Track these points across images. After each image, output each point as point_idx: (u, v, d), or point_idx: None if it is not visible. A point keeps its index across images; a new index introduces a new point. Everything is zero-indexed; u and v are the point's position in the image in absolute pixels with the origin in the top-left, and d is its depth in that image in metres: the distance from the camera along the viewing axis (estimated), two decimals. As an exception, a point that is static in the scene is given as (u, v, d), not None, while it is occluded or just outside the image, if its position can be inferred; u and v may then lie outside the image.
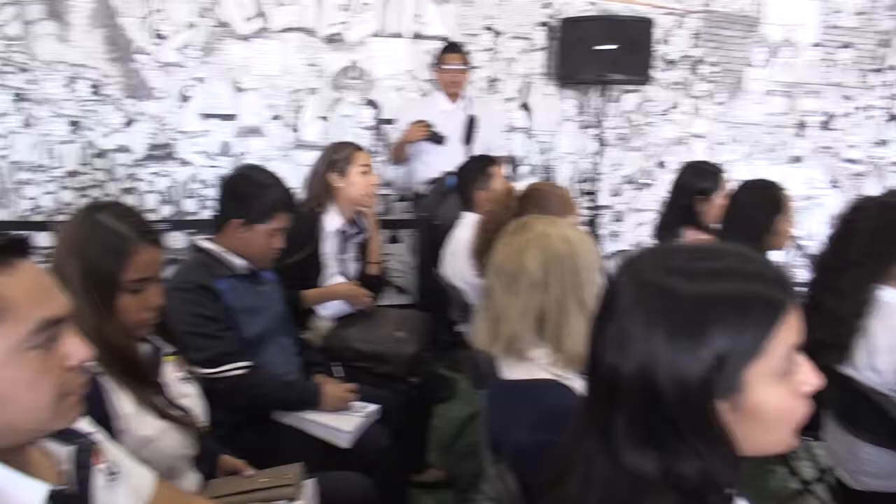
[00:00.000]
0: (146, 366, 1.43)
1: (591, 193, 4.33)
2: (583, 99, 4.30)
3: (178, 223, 3.72)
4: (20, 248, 0.87)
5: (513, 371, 1.39)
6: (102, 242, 1.31)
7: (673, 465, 0.78)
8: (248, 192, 1.97)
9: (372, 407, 2.04)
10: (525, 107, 4.15)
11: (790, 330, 0.77)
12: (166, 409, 1.42)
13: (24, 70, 3.48)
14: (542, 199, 2.15)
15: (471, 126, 3.64)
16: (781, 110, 4.58)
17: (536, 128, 4.23)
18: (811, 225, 4.32)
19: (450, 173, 3.18)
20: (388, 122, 3.92)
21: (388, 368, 2.40)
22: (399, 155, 3.67)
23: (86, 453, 1.00)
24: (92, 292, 1.25)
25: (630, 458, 0.79)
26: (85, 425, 1.07)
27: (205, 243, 2.01)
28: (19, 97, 3.50)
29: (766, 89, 4.53)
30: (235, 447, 1.73)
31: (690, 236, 2.78)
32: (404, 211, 4.02)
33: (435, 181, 3.48)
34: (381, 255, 2.73)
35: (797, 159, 4.68)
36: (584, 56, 3.92)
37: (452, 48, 3.67)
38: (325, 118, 3.83)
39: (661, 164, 4.54)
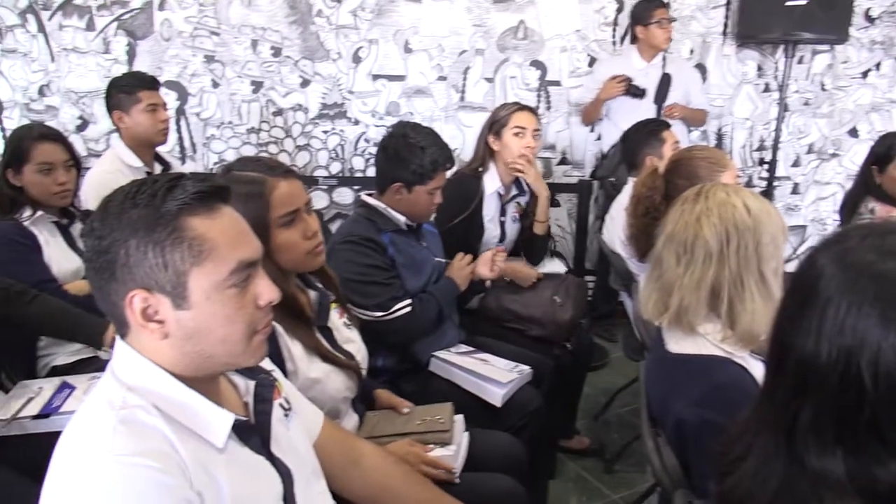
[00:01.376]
0: (310, 310, 1.51)
1: (767, 163, 4.02)
2: (765, 60, 3.97)
3: (346, 179, 3.90)
4: (222, 195, 0.94)
5: (679, 344, 1.33)
6: (241, 192, 1.36)
7: (866, 469, 0.71)
8: (406, 156, 2.00)
9: (525, 368, 2.05)
10: (700, 68, 3.90)
11: None
12: (331, 352, 1.50)
13: (214, 34, 3.75)
14: (687, 167, 2.01)
15: (665, 84, 3.47)
16: None
17: (711, 91, 3.96)
18: None
19: None
20: (554, 83, 3.84)
21: (542, 332, 2.40)
22: (592, 114, 3.57)
23: (266, 388, 1.08)
24: None
25: (814, 456, 0.73)
26: (266, 363, 1.15)
27: (369, 199, 2.09)
28: (209, 59, 3.79)
29: None
30: (392, 395, 1.81)
31: (883, 213, 2.53)
32: (564, 174, 3.95)
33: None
34: (547, 214, 2.68)
35: None
36: (770, 12, 3.59)
37: (661, 2, 3.47)
38: (490, 79, 3.82)
39: (854, 133, 4.11)
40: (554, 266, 2.69)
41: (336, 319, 1.59)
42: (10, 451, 1.59)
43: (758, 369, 1.29)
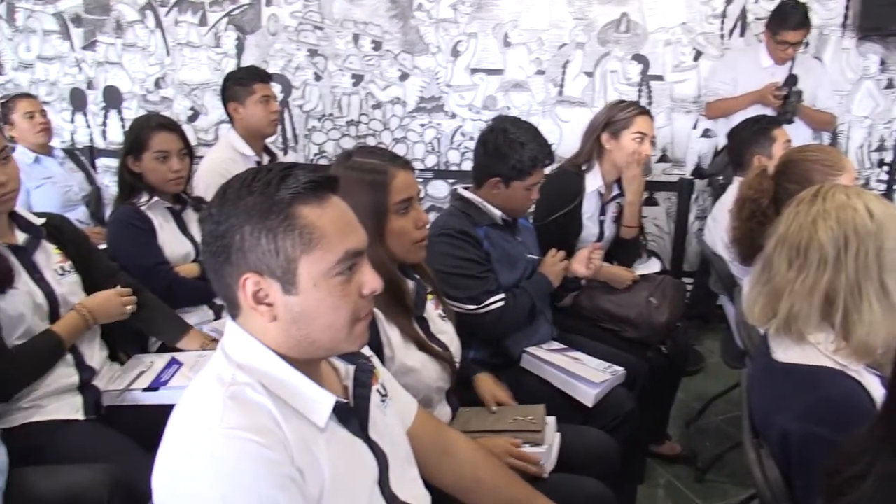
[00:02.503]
0: (411, 300, 1.53)
1: (888, 164, 3.76)
2: (889, 53, 3.70)
3: (441, 173, 3.93)
4: (332, 185, 0.97)
5: (787, 353, 1.27)
6: (363, 179, 1.42)
7: None
8: (505, 151, 1.99)
9: (618, 369, 2.01)
10: (816, 62, 3.68)
11: None
12: (427, 342, 1.52)
13: (317, 28, 3.86)
14: (800, 169, 1.89)
15: (791, 86, 3.25)
16: None
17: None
18: None
19: None
20: (657, 77, 3.72)
21: (636, 334, 2.34)
22: (727, 111, 3.36)
23: (365, 374, 1.11)
24: (365, 227, 1.37)
25: None
26: (364, 349, 1.18)
27: (466, 192, 2.10)
28: (312, 53, 3.90)
29: None
30: (483, 389, 1.81)
31: None
32: (664, 172, 3.83)
33: None
34: (639, 219, 2.61)
35: None
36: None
37: (800, 23, 3.17)
38: (589, 74, 3.76)
39: None
40: (650, 266, 2.61)
41: (431, 311, 1.61)
42: (124, 420, 1.70)
43: (874, 384, 1.21)
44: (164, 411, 0.96)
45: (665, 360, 2.39)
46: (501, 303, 1.97)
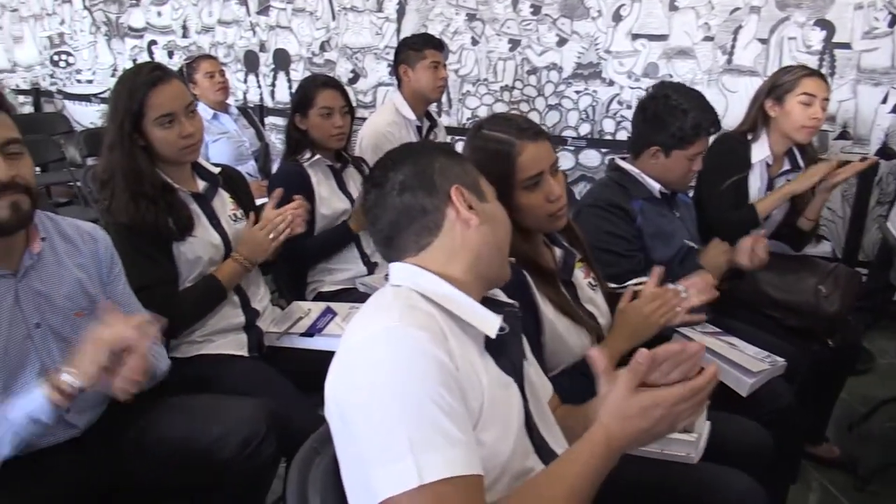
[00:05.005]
0: (554, 266, 1.50)
1: None
2: None
3: (595, 142, 3.82)
4: None
5: None
6: (489, 151, 1.38)
7: None
8: (666, 118, 1.89)
9: (778, 359, 1.87)
10: None
11: None
12: (574, 308, 1.49)
13: (479, -9, 3.86)
14: None
15: None
16: None
17: None
18: None
19: None
20: (843, 45, 3.37)
21: (800, 323, 2.17)
22: None
23: (515, 321, 1.12)
24: None
25: None
26: (507, 299, 1.19)
27: (623, 163, 2.02)
28: (471, 17, 3.90)
29: None
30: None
31: None
32: (842, 150, 3.48)
33: None
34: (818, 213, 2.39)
35: None
36: None
37: None
38: (764, 41, 3.47)
39: None
40: (821, 249, 2.40)
41: (580, 278, 1.57)
42: (281, 360, 1.82)
43: None
44: (317, 356, 1.02)
45: (831, 354, 2.20)
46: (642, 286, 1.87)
